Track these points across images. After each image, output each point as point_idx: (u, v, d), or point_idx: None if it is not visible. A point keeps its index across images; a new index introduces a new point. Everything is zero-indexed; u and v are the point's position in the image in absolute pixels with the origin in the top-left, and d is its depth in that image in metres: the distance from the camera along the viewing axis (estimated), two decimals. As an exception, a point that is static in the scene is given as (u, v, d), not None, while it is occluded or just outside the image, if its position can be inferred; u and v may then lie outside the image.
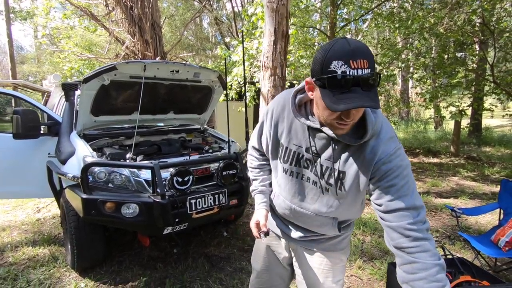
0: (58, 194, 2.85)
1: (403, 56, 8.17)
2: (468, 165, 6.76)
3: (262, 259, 1.32)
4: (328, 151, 0.97)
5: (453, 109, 6.98)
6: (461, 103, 7.13)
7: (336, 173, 0.96)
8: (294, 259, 1.26)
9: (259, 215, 1.16)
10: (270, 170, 1.27)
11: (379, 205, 0.91)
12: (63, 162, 2.48)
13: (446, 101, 7.55)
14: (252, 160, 1.31)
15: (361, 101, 0.74)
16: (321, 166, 0.99)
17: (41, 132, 2.92)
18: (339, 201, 1.01)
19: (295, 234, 1.18)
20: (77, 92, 3.13)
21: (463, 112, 6.93)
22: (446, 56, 7.50)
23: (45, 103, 5.22)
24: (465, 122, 8.37)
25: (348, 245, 1.22)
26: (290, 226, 1.21)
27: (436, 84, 7.49)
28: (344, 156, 0.95)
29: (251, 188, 1.28)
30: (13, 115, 2.63)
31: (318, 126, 0.95)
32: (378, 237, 3.14)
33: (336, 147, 0.96)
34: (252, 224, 1.13)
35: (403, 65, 7.66)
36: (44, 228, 3.52)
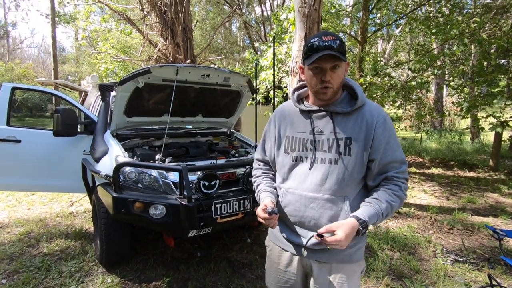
0: (90, 190, 2.97)
1: (438, 62, 7.75)
2: (509, 181, 6.26)
3: (276, 281, 1.31)
4: (330, 126, 1.13)
5: (493, 120, 6.50)
6: (503, 114, 6.63)
7: (343, 141, 1.10)
8: (307, 277, 1.24)
9: (265, 201, 1.19)
10: (273, 177, 1.34)
11: (373, 160, 1.09)
12: (97, 160, 2.58)
13: (486, 111, 7.05)
14: (255, 171, 1.39)
15: (327, 52, 1.03)
16: (328, 140, 1.12)
17: (78, 130, 3.07)
18: (347, 169, 1.10)
19: (309, 240, 1.14)
20: (113, 93, 3.27)
21: (505, 124, 6.44)
22: (485, 64, 7.02)
23: (82, 102, 5.52)
24: (506, 134, 7.75)
25: (362, 257, 1.21)
26: (301, 233, 1.17)
27: (476, 93, 7.02)
28: (346, 125, 1.11)
29: (256, 192, 1.31)
30: (54, 113, 2.79)
31: (315, 107, 1.16)
32: (408, 254, 2.97)
33: (336, 120, 1.13)
34: (259, 210, 1.15)
35: (439, 72, 7.26)
36: (76, 222, 3.69)
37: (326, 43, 1.04)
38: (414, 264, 2.77)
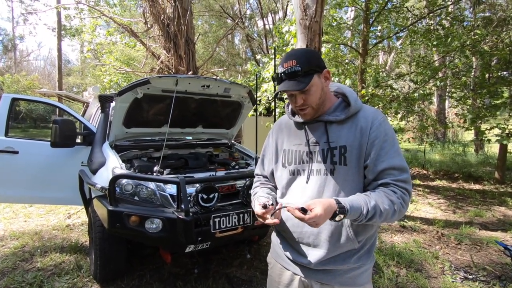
0: (87, 202, 2.91)
1: (440, 74, 7.75)
2: (516, 194, 6.12)
3: None
4: (325, 136, 1.09)
5: (498, 131, 6.42)
6: (507, 125, 6.56)
7: (337, 150, 1.05)
8: None
9: (259, 201, 1.12)
10: (272, 187, 1.30)
11: (366, 167, 1.03)
12: (94, 172, 2.53)
13: (490, 122, 6.98)
14: (254, 184, 1.35)
15: (284, 87, 1.04)
16: (322, 150, 1.08)
17: (77, 141, 3.03)
18: (344, 180, 1.04)
19: (311, 258, 1.08)
20: (112, 104, 3.25)
21: (510, 135, 6.36)
22: (487, 75, 7.01)
23: (84, 113, 5.52)
24: (511, 146, 7.65)
25: (369, 280, 1.13)
26: (303, 250, 1.11)
27: (479, 105, 6.97)
28: (341, 133, 1.06)
29: (252, 202, 1.24)
30: (52, 124, 2.76)
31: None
32: (415, 271, 2.85)
33: (330, 129, 1.08)
34: (257, 210, 1.08)
35: (441, 84, 7.24)
36: (72, 235, 3.61)
37: (287, 71, 1.03)
38: (422, 281, 2.65)
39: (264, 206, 1.05)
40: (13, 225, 3.98)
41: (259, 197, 1.18)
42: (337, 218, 0.92)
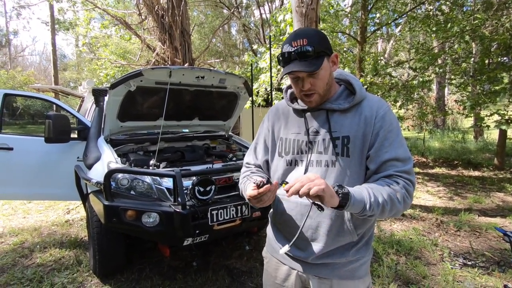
0: (84, 198, 2.89)
1: (439, 61, 7.65)
2: (515, 180, 6.12)
3: None
4: (326, 125, 1.02)
5: (497, 117, 6.39)
6: (507, 111, 6.52)
7: (340, 141, 0.99)
8: None
9: (252, 182, 1.00)
10: (264, 175, 1.19)
11: (368, 157, 0.98)
12: (89, 167, 2.50)
13: (489, 109, 6.94)
14: (243, 174, 1.22)
15: (295, 67, 0.94)
16: (323, 140, 1.02)
17: (71, 136, 3.00)
18: (346, 172, 0.99)
19: (308, 253, 1.05)
20: (106, 98, 3.19)
21: (510, 121, 6.33)
22: (487, 61, 6.93)
23: (79, 108, 5.46)
24: (511, 132, 7.62)
25: (367, 273, 1.10)
26: (301, 244, 1.07)
27: (479, 91, 6.90)
28: (344, 122, 1.00)
29: (244, 190, 1.13)
30: (45, 119, 2.72)
31: (306, 107, 1.07)
32: (414, 259, 2.86)
33: (332, 118, 1.02)
34: (249, 192, 0.97)
35: (440, 70, 7.16)
36: (72, 230, 3.61)
37: (297, 50, 0.93)
38: (421, 269, 2.65)
39: (258, 186, 0.92)
40: (12, 221, 3.98)
41: (250, 179, 1.08)
42: (339, 193, 0.84)
